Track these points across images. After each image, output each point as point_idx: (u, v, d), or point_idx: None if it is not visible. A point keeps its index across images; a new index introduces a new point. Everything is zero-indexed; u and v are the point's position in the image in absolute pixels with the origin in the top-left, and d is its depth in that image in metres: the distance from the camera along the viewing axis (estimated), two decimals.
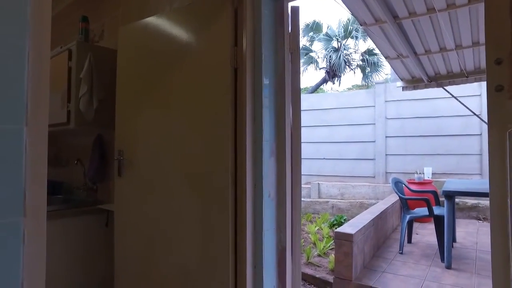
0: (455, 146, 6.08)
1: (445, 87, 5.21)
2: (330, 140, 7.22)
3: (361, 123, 6.92)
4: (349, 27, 14.42)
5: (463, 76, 4.98)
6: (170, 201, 1.82)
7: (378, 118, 6.74)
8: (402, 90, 5.56)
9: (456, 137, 6.08)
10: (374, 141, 6.77)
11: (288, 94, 1.71)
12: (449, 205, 3.26)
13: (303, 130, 6.82)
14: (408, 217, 3.70)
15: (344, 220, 5.21)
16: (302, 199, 7.20)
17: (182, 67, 1.80)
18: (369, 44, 14.77)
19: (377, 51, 14.92)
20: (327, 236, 5.12)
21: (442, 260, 3.43)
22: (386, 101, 6.72)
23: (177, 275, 1.76)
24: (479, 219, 5.34)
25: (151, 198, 1.91)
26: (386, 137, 6.66)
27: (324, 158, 7.28)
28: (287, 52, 1.74)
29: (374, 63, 14.69)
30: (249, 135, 1.59)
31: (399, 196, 3.78)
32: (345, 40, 14.82)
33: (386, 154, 6.64)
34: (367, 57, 14.68)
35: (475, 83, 5.94)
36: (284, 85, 1.68)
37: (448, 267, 3.27)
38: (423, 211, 3.82)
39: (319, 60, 15.63)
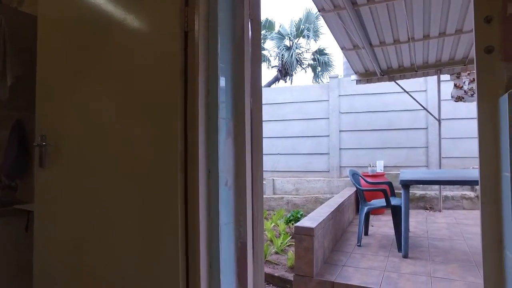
0: (404, 140, 6.30)
1: (396, 81, 5.33)
2: (285, 134, 7.13)
3: (316, 118, 6.92)
4: (301, 26, 14.65)
5: (413, 71, 5.14)
6: (104, 195, 1.49)
7: (332, 113, 6.78)
8: (356, 83, 5.61)
9: (405, 131, 6.31)
10: (328, 136, 6.80)
11: (247, 65, 1.47)
12: (406, 194, 3.25)
13: None
14: (366, 209, 3.66)
15: (301, 215, 5.12)
16: None
17: (121, 35, 1.48)
18: (320, 43, 15.17)
19: (328, 50, 15.34)
20: (284, 232, 4.99)
21: (399, 249, 3.43)
22: (339, 95, 6.78)
23: (115, 285, 1.44)
24: (426, 208, 5.55)
25: (80, 192, 1.56)
26: (340, 131, 6.72)
27: (278, 154, 7.17)
28: (247, 18, 1.50)
29: (325, 62, 15.07)
30: (202, 110, 1.32)
31: (357, 188, 3.74)
32: (297, 39, 15.03)
33: (340, 148, 6.71)
34: (318, 56, 15.02)
35: (422, 79, 6.21)
36: (243, 54, 1.44)
37: (405, 256, 3.27)
38: (380, 202, 3.81)
39: (271, 59, 15.74)
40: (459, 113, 6.00)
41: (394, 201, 3.69)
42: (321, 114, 6.89)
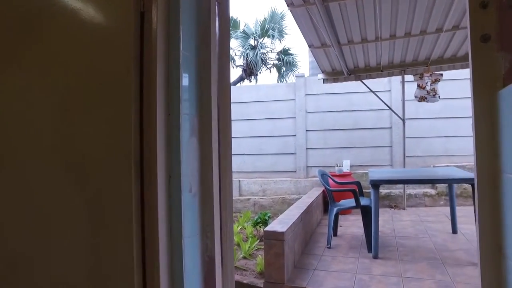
0: (370, 139, 6.39)
1: (362, 81, 5.37)
2: (251, 134, 6.99)
3: (282, 117, 6.85)
4: (266, 26, 14.62)
5: (379, 70, 5.19)
6: (41, 203, 1.24)
7: (299, 112, 6.74)
8: (323, 82, 5.58)
9: (370, 130, 6.40)
10: (294, 135, 6.75)
11: (214, 54, 1.29)
12: (376, 194, 3.22)
13: None
14: (335, 209, 3.60)
15: (268, 217, 4.99)
16: None
17: (63, 15, 1.24)
18: (285, 44, 15.24)
19: (292, 51, 15.46)
20: (251, 235, 4.83)
21: (369, 250, 3.40)
22: (306, 94, 6.75)
23: None
24: (391, 207, 5.65)
25: (11, 200, 1.30)
26: (306, 130, 6.69)
27: (244, 154, 7.02)
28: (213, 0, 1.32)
29: (290, 62, 15.18)
30: (161, 104, 1.13)
31: (326, 189, 3.67)
32: (262, 39, 14.99)
33: (306, 148, 6.68)
34: (283, 56, 15.08)
35: (386, 80, 6.33)
36: (210, 40, 1.26)
37: (375, 256, 3.24)
38: (349, 202, 3.77)
39: (236, 58, 15.59)
40: (421, 113, 6.18)
41: (363, 201, 3.66)
42: (288, 113, 6.83)
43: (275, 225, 2.93)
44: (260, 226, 5.04)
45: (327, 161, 6.53)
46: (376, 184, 3.21)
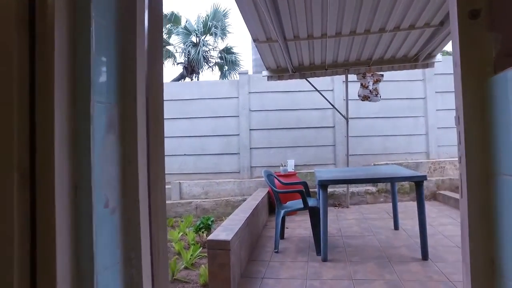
0: (313, 138, 6.42)
1: (307, 79, 5.33)
2: (192, 133, 6.64)
3: (225, 115, 6.60)
4: (209, 23, 14.27)
5: (323, 69, 5.19)
6: None
7: (242, 110, 6.55)
8: (267, 80, 5.45)
9: (314, 129, 6.43)
10: (238, 134, 6.55)
11: (141, 27, 1.00)
12: (324, 195, 3.13)
13: None
14: (282, 212, 3.45)
15: (212, 221, 4.71)
16: None
17: None
18: (228, 42, 15.05)
19: (235, 50, 15.30)
20: (193, 242, 4.51)
21: (318, 252, 3.30)
22: (250, 92, 6.58)
23: None
24: (335, 206, 5.72)
25: None
26: (250, 129, 6.52)
27: (185, 154, 6.64)
28: None
29: (232, 61, 15.00)
30: (61, 87, 0.81)
31: (273, 190, 3.50)
32: (204, 36, 14.61)
33: (250, 148, 6.51)
34: (226, 55, 14.86)
35: (329, 79, 6.41)
36: (136, 9, 0.97)
37: (325, 259, 3.15)
38: (296, 203, 3.65)
39: (177, 55, 15.04)
40: (362, 112, 6.37)
41: (311, 202, 3.57)
42: (231, 111, 6.60)
43: (220, 233, 2.68)
44: (202, 232, 4.73)
45: (271, 161, 6.43)
46: (324, 185, 3.11)
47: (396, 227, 4.08)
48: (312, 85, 5.42)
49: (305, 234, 4.10)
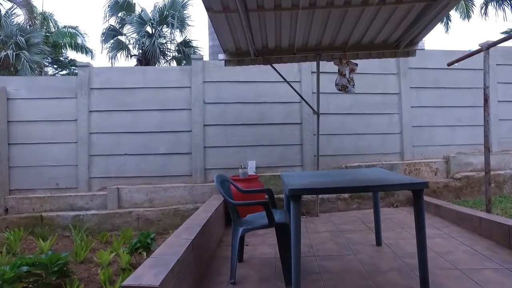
0: (278, 136, 5.70)
1: (272, 65, 4.60)
2: (134, 129, 5.64)
3: (174, 108, 5.68)
4: (165, 12, 13.20)
5: (291, 53, 4.48)
6: None
7: (195, 102, 5.66)
8: (225, 64, 4.64)
9: (279, 126, 5.71)
10: (190, 131, 5.65)
11: None
12: (297, 208, 2.37)
13: (94, 115, 4.86)
14: (241, 231, 2.65)
15: (152, 239, 3.79)
16: (95, 211, 5.34)
17: None
18: (186, 35, 14.08)
19: (194, 43, 14.31)
20: (128, 267, 3.59)
21: (287, 283, 2.55)
22: (204, 81, 5.71)
23: None
24: (303, 214, 5.03)
25: None
26: (204, 125, 5.66)
27: (125, 154, 5.62)
28: None
29: (191, 55, 14.02)
30: None
31: (228, 202, 2.69)
32: (160, 27, 13.52)
33: (204, 147, 5.64)
34: (184, 48, 13.86)
35: (296, 69, 5.74)
36: None
37: None
38: (259, 217, 2.88)
39: (130, 47, 13.83)
40: (332, 108, 5.76)
41: (278, 216, 2.81)
42: (182, 103, 5.69)
43: (146, 271, 1.81)
44: (140, 252, 3.81)
45: (229, 162, 5.61)
46: (297, 195, 2.37)
47: (378, 242, 3.46)
48: (279, 73, 4.68)
49: (270, 254, 3.33)
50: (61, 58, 16.44)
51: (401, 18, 3.74)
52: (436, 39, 36.31)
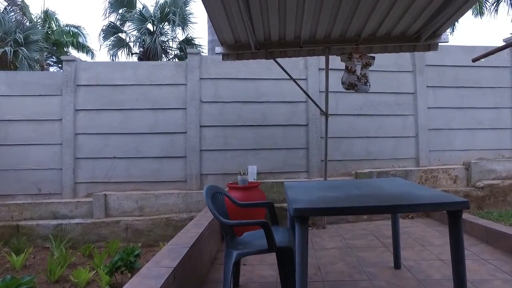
0: (281, 139, 5.28)
1: (276, 60, 4.17)
2: (124, 130, 5.24)
3: (168, 107, 5.28)
4: (167, 9, 12.85)
5: (297, 46, 4.05)
6: None
7: (191, 101, 5.25)
8: (223, 59, 4.22)
9: (282, 128, 5.29)
10: (185, 132, 5.24)
11: None
12: (303, 232, 1.95)
13: (81, 114, 4.32)
14: (235, 255, 2.22)
15: (136, 256, 3.37)
16: (80, 220, 4.93)
17: None
18: (188, 33, 13.74)
19: (197, 41, 13.90)
20: None
21: None
22: (201, 78, 5.30)
23: None
24: (308, 225, 4.59)
25: None
26: (200, 126, 5.25)
27: (114, 157, 5.22)
28: None
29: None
30: None
31: (220, 222, 2.26)
32: (161, 24, 13.18)
33: (201, 150, 5.23)
34: (186, 46, 13.51)
35: (302, 65, 5.32)
36: None
37: None
38: (257, 238, 2.46)
39: (131, 44, 13.50)
40: (341, 108, 5.33)
41: (279, 237, 2.39)
42: (176, 102, 5.28)
43: None
44: (122, 272, 3.39)
45: (227, 167, 5.20)
46: (304, 216, 1.94)
47: (397, 265, 3.02)
48: (283, 68, 4.26)
49: (271, 278, 2.90)
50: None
51: (424, 6, 3.30)
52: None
